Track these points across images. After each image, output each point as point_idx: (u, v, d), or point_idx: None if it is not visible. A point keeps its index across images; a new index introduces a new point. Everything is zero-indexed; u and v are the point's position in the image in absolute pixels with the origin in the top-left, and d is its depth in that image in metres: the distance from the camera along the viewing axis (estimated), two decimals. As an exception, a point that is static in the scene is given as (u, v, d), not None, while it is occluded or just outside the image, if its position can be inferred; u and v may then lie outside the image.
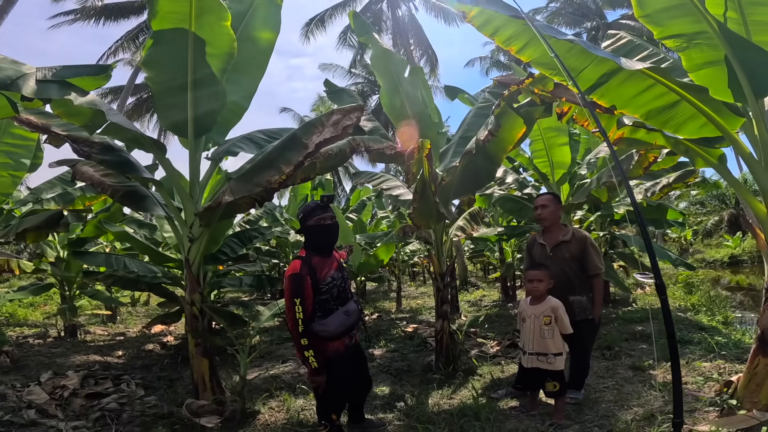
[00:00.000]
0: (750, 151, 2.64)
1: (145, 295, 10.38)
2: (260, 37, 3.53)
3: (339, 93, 5.02)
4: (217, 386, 3.35)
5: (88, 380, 3.97)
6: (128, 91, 19.32)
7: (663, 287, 1.59)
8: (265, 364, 4.79)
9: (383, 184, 4.82)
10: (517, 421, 2.82)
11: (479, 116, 4.38)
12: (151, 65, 3.02)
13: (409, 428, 2.84)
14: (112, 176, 3.47)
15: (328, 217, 2.56)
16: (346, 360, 2.56)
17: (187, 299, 3.34)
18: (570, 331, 2.80)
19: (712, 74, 2.62)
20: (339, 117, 3.05)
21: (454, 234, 4.68)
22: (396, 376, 4.10)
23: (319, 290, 2.45)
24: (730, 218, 20.31)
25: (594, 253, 3.07)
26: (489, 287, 11.70)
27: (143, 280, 5.02)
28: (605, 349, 4.35)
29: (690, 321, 5.46)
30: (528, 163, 6.69)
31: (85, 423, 3.07)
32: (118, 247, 8.12)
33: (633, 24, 19.79)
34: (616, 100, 2.81)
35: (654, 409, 2.83)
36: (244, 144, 3.73)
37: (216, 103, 3.22)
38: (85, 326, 7.19)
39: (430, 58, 20.50)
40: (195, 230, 3.34)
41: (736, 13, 2.48)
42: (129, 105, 20.92)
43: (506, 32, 2.78)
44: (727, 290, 9.11)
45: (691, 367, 3.66)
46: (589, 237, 3.14)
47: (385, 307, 9.04)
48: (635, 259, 7.14)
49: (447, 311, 4.08)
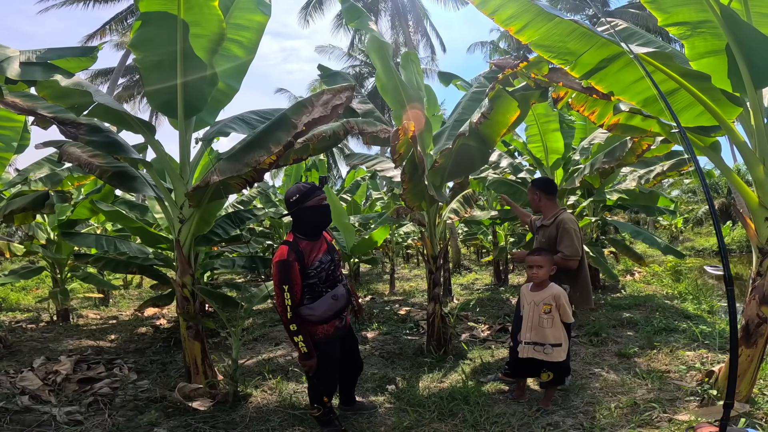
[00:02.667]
0: (745, 141, 2.63)
1: (138, 277, 10.35)
2: (251, 19, 3.46)
3: (333, 76, 4.92)
4: (209, 369, 3.37)
5: (81, 365, 3.98)
6: (119, 73, 18.96)
7: (731, 279, 1.59)
8: (258, 347, 4.82)
9: (377, 166, 4.78)
10: (505, 406, 2.87)
11: (474, 100, 4.33)
12: (139, 47, 2.94)
13: (400, 411, 2.88)
14: (100, 157, 3.40)
15: (324, 198, 2.55)
16: (335, 342, 2.58)
17: (178, 281, 3.32)
18: (571, 320, 2.73)
19: (714, 63, 2.59)
20: (329, 97, 3.01)
21: (447, 216, 4.68)
22: (388, 358, 4.15)
23: (307, 275, 2.44)
24: (721, 207, 20.50)
25: (566, 236, 2.99)
26: (482, 270, 11.80)
27: (134, 262, 4.98)
28: (593, 335, 4.42)
29: (676, 309, 5.55)
30: (523, 148, 6.66)
31: (79, 408, 3.08)
32: (110, 228, 8.04)
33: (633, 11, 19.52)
34: (614, 86, 2.77)
35: (637, 397, 2.88)
36: (236, 124, 3.67)
37: (206, 83, 3.16)
38: (77, 310, 7.17)
39: (430, 41, 20.16)
40: (185, 211, 3.31)
41: (741, 4, 2.46)
42: (119, 86, 20.52)
43: (507, 11, 2.70)
44: (714, 279, 9.25)
45: (675, 355, 3.72)
46: (566, 221, 3.04)
47: (378, 289, 9.11)
48: (626, 246, 7.21)
49: (439, 294, 4.11)
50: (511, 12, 2.68)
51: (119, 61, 18.76)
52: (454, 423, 2.68)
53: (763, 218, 2.53)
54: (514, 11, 2.67)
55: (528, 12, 2.64)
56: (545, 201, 3.27)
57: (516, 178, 6.44)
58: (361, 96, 4.92)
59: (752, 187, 2.64)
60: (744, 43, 2.36)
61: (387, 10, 19.04)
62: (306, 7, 18.85)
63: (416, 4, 19.43)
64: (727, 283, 1.54)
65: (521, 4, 2.63)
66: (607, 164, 5.00)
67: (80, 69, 2.95)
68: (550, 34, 2.64)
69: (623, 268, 9.62)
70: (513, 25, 2.73)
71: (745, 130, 2.67)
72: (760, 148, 2.56)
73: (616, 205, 7.28)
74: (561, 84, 3.20)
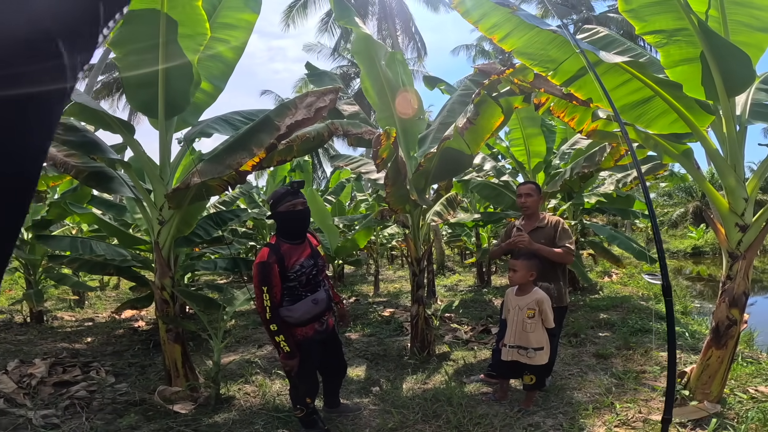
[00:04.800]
0: (717, 149, 2.72)
1: (115, 278, 10.09)
2: (239, 18, 3.42)
3: (321, 76, 4.90)
4: (190, 372, 3.32)
5: (56, 368, 3.88)
6: (98, 70, 18.46)
7: (669, 289, 1.59)
8: (241, 348, 4.77)
9: (362, 168, 4.78)
10: (488, 407, 2.91)
11: (459, 103, 4.37)
12: (120, 45, 2.87)
13: (384, 412, 2.90)
14: (76, 156, 3.32)
15: (299, 203, 2.52)
16: (316, 344, 2.58)
17: (157, 284, 3.27)
18: (552, 325, 2.79)
19: (688, 71, 2.65)
20: (313, 99, 3.01)
21: (431, 219, 4.72)
22: (372, 360, 4.15)
23: (287, 277, 2.46)
24: (695, 210, 21.18)
25: (565, 233, 3.09)
26: (465, 272, 11.91)
27: (111, 263, 4.86)
28: (572, 336, 4.51)
29: (651, 310, 5.70)
30: (506, 151, 6.76)
31: (55, 411, 3.01)
32: (86, 229, 7.82)
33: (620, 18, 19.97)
34: (593, 93, 2.84)
35: (614, 397, 2.96)
36: (219, 125, 3.62)
37: (188, 83, 3.11)
38: (52, 312, 6.96)
39: (416, 44, 20.25)
40: (165, 212, 3.25)
41: (718, 11, 2.51)
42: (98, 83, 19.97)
43: (491, 20, 2.75)
44: (688, 280, 9.55)
45: (650, 356, 3.81)
46: (562, 221, 3.19)
47: (362, 290, 9.10)
48: (604, 248, 7.39)
49: (422, 296, 4.13)
50: (494, 21, 2.74)
51: (99, 58, 18.27)
52: (438, 424, 2.71)
53: (733, 224, 2.62)
54: (497, 20, 2.73)
55: (510, 21, 2.70)
56: (539, 204, 3.33)
57: (499, 181, 6.53)
58: (348, 97, 4.92)
59: (722, 192, 2.74)
60: (718, 51, 2.41)
61: (374, 14, 19.04)
62: (289, 9, 18.68)
63: (403, 7, 19.52)
64: (665, 293, 1.57)
65: (503, 13, 2.68)
66: (587, 168, 5.12)
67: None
68: (532, 42, 2.70)
69: (601, 269, 9.84)
70: (496, 34, 2.78)
71: (717, 138, 2.75)
72: (731, 155, 2.65)
73: (594, 208, 7.46)
74: (543, 90, 3.27)
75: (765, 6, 2.44)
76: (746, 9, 2.47)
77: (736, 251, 2.60)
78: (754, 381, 3.09)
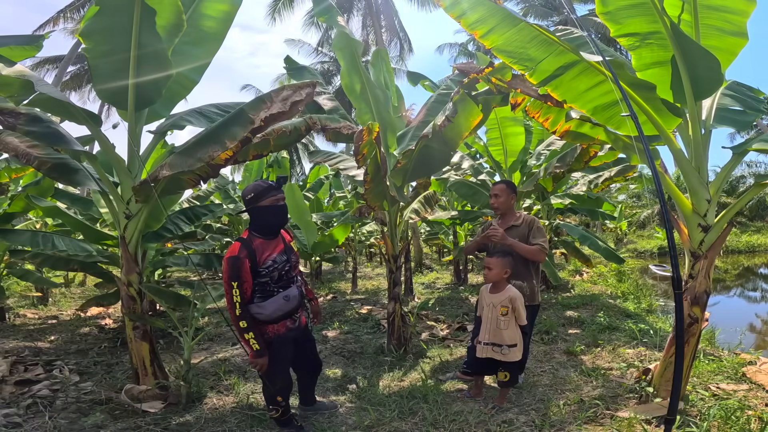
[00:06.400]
0: (682, 150, 2.81)
1: (80, 275, 9.71)
2: (216, 9, 3.32)
3: (300, 71, 4.83)
4: (159, 370, 3.22)
5: (18, 366, 3.73)
6: (68, 61, 17.77)
7: (680, 282, 1.57)
8: (214, 347, 4.67)
9: (340, 164, 4.75)
10: (463, 404, 2.94)
11: (439, 102, 4.39)
12: (91, 35, 2.72)
13: (361, 410, 2.88)
14: (40, 148, 3.17)
15: (281, 198, 2.51)
16: (287, 342, 2.54)
17: (123, 280, 3.16)
18: (524, 322, 2.83)
19: (658, 74, 2.71)
20: (289, 93, 2.96)
21: (408, 216, 4.74)
22: (349, 358, 4.14)
23: (258, 273, 2.40)
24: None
25: (539, 232, 3.13)
26: (442, 270, 12.02)
27: (75, 259, 4.67)
28: (544, 333, 4.60)
29: (619, 308, 5.88)
30: (484, 151, 6.84)
31: (17, 410, 2.89)
32: (50, 223, 7.49)
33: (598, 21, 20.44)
34: (568, 93, 2.89)
35: (583, 394, 3.03)
36: (194, 117, 3.52)
37: (161, 74, 2.98)
38: (14, 309, 6.65)
39: (401, 41, 20.23)
40: (132, 206, 3.14)
41: (691, 15, 2.55)
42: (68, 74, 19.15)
43: (473, 15, 2.74)
44: (653, 279, 9.92)
45: (617, 353, 3.91)
46: (536, 220, 3.23)
47: (340, 287, 9.06)
48: (576, 248, 7.58)
49: (399, 294, 4.14)
50: (477, 16, 2.73)
51: (70, 49, 17.61)
52: (414, 421, 2.72)
53: (695, 224, 2.70)
54: (480, 15, 2.72)
55: (494, 16, 2.69)
56: (514, 202, 3.37)
57: (476, 180, 6.61)
58: (328, 93, 4.87)
59: (686, 194, 2.83)
60: (688, 55, 2.45)
61: (360, 9, 18.92)
62: (275, 3, 18.33)
63: (389, 3, 19.46)
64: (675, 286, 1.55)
65: (488, 8, 2.68)
66: (559, 169, 5.24)
67: (24, 57, 2.76)
68: (512, 39, 2.71)
69: (573, 268, 10.10)
70: (478, 30, 2.78)
71: (683, 140, 2.82)
72: (696, 158, 2.74)
73: (567, 209, 7.64)
74: (519, 90, 3.32)
75: (738, 10, 2.49)
76: (719, 13, 2.51)
77: (698, 251, 2.68)
78: (715, 378, 3.18)
